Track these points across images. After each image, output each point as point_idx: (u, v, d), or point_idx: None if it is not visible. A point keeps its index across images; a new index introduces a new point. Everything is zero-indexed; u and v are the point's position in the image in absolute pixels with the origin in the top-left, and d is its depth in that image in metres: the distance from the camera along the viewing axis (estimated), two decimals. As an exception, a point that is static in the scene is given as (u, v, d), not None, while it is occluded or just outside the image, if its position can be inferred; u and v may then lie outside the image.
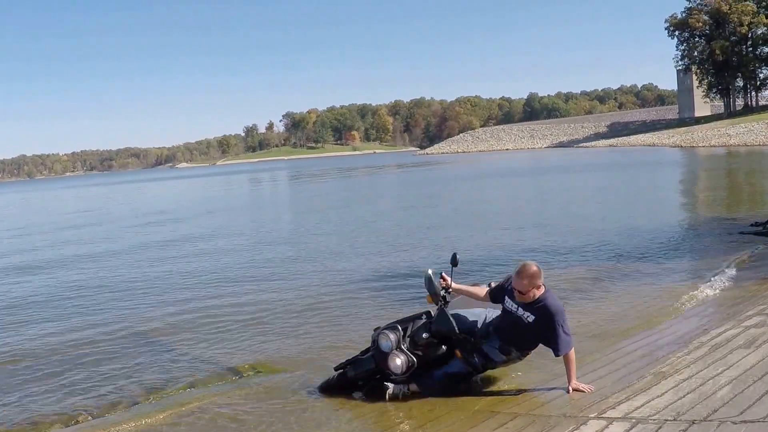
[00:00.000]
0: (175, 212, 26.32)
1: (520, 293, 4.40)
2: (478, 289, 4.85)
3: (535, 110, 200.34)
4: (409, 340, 4.65)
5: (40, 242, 18.82)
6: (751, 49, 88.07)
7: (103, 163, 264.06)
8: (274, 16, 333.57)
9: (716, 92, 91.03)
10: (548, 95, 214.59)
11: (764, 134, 58.21)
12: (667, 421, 3.61)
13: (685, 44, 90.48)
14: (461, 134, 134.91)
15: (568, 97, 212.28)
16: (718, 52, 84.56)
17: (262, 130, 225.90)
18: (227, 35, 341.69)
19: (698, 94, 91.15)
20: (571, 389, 4.39)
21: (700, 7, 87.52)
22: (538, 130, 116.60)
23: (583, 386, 4.39)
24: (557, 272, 9.00)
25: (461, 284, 4.85)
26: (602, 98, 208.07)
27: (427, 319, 4.72)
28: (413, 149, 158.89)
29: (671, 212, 15.80)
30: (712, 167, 34.35)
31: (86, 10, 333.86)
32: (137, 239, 17.63)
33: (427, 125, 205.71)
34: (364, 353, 4.94)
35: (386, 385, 4.62)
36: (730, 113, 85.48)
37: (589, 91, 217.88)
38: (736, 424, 3.42)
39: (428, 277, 4.69)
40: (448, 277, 4.72)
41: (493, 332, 4.61)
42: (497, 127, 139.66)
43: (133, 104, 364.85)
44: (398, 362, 4.57)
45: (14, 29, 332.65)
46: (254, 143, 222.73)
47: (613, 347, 5.51)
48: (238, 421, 4.67)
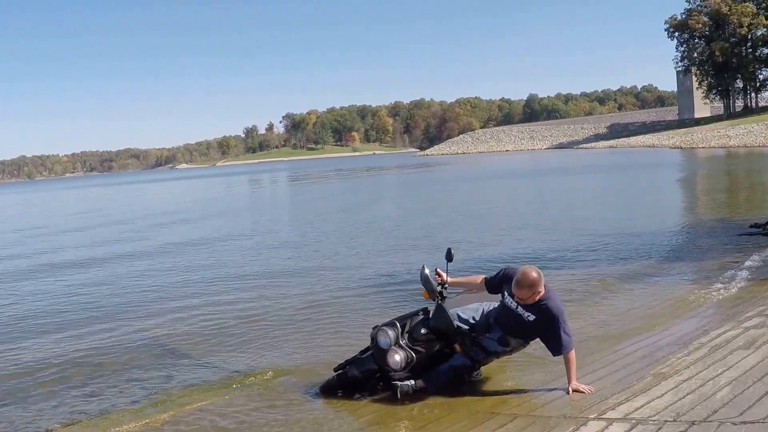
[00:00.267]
0: (176, 214, 26.32)
1: (520, 299, 4.41)
2: (473, 278, 4.89)
3: (534, 111, 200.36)
4: (407, 336, 4.66)
5: (41, 244, 18.83)
6: (750, 50, 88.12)
7: (103, 164, 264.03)
8: (274, 16, 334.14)
9: (716, 93, 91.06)
10: (548, 96, 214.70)
11: (764, 135, 58.21)
12: (667, 422, 3.62)
13: (684, 45, 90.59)
14: (461, 135, 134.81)
15: (567, 98, 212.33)
16: (717, 53, 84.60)
17: (262, 131, 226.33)
18: (227, 36, 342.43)
19: (698, 95, 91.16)
20: (571, 390, 4.39)
21: (699, 8, 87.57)
22: (537, 131, 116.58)
23: (583, 387, 4.39)
24: (557, 273, 9.01)
25: (456, 277, 4.88)
26: (602, 99, 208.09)
27: (424, 315, 4.74)
28: (413, 150, 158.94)
29: (671, 214, 15.82)
30: (711, 168, 34.36)
31: (86, 10, 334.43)
32: (138, 241, 17.62)
33: (426, 126, 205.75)
34: (363, 353, 4.95)
35: (395, 383, 4.61)
36: (729, 114, 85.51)
37: (588, 92, 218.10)
38: (736, 425, 3.43)
39: (424, 272, 4.73)
40: (443, 272, 4.75)
41: (494, 323, 4.63)
42: (497, 128, 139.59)
43: (133, 105, 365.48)
44: (397, 358, 4.58)
45: (14, 29, 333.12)
46: (254, 144, 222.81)
47: (612, 348, 5.52)
48: (238, 422, 4.67)
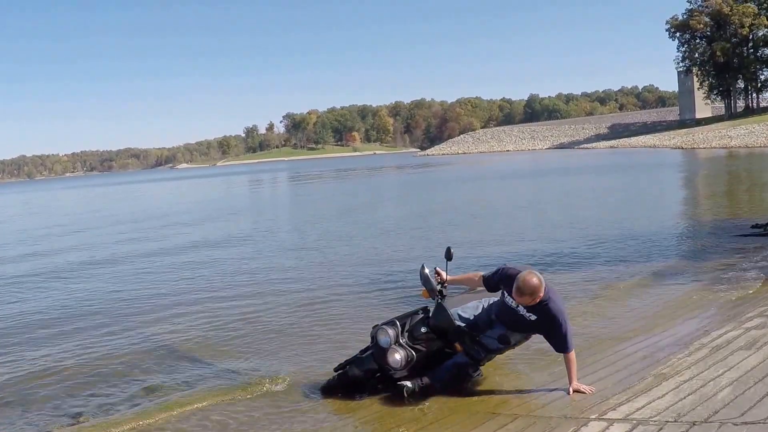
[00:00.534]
0: (177, 216, 26.29)
1: (521, 303, 4.42)
2: (472, 275, 4.90)
3: (535, 111, 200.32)
4: (407, 335, 4.67)
5: (41, 244, 18.83)
6: (752, 50, 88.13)
7: (103, 163, 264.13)
8: (274, 16, 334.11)
9: (717, 94, 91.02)
10: (549, 96, 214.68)
11: (765, 136, 58.15)
12: (667, 422, 3.62)
13: (686, 46, 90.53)
14: (462, 135, 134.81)
15: (568, 98, 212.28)
16: (719, 53, 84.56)
17: (262, 131, 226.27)
18: (227, 36, 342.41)
19: (699, 95, 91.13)
20: (571, 390, 4.40)
21: (701, 8, 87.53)
22: (538, 131, 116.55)
23: (583, 387, 4.39)
24: (557, 273, 9.01)
25: (455, 275, 4.89)
26: (603, 100, 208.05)
27: (424, 314, 4.75)
28: (414, 150, 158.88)
29: (672, 214, 15.81)
30: (712, 169, 34.31)
31: (86, 10, 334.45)
32: (138, 241, 17.62)
33: (427, 126, 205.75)
34: (363, 352, 4.96)
35: (402, 383, 4.59)
36: (731, 115, 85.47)
37: (589, 92, 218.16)
38: (737, 425, 3.43)
39: (423, 272, 4.75)
40: (442, 271, 4.78)
41: (495, 320, 4.63)
42: (498, 128, 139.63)
43: (133, 105, 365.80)
44: (397, 357, 4.58)
45: (14, 29, 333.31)
46: (254, 144, 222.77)
47: (613, 349, 5.51)
48: (239, 422, 4.67)
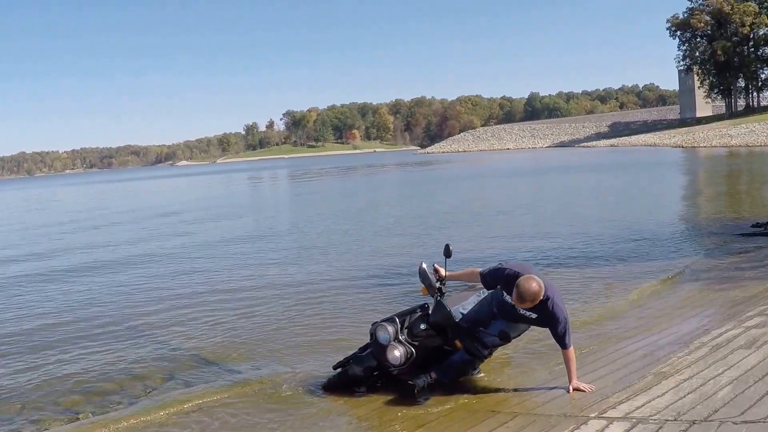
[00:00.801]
0: (177, 215, 26.24)
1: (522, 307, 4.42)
2: (470, 270, 4.90)
3: (536, 110, 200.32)
4: (407, 331, 4.66)
5: (41, 245, 18.83)
6: (752, 49, 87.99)
7: (102, 160, 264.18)
8: (274, 14, 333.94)
9: (718, 93, 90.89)
10: (549, 95, 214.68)
11: (765, 135, 58.10)
12: (667, 421, 3.61)
13: (686, 44, 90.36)
14: (462, 133, 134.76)
15: (569, 96, 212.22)
16: (719, 52, 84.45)
17: (262, 128, 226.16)
18: (227, 33, 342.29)
19: (700, 94, 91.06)
20: (571, 389, 4.39)
21: (701, 7, 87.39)
22: (539, 129, 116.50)
23: (583, 386, 4.39)
24: (557, 271, 9.00)
25: (454, 271, 4.89)
26: (603, 98, 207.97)
27: (424, 311, 4.74)
28: (414, 148, 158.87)
29: (672, 213, 15.81)
30: (712, 168, 34.31)
31: (86, 7, 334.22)
32: (139, 242, 17.64)
33: (427, 124, 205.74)
34: (363, 350, 4.95)
35: (413, 382, 4.57)
36: (731, 114, 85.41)
37: (590, 90, 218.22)
38: (737, 424, 3.42)
39: (422, 269, 4.76)
40: (441, 268, 4.78)
41: (498, 314, 4.63)
42: (498, 126, 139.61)
43: (133, 102, 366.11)
44: (397, 354, 4.58)
45: (14, 27, 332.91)
46: (254, 141, 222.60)
47: (613, 347, 5.51)
48: (239, 420, 4.67)
